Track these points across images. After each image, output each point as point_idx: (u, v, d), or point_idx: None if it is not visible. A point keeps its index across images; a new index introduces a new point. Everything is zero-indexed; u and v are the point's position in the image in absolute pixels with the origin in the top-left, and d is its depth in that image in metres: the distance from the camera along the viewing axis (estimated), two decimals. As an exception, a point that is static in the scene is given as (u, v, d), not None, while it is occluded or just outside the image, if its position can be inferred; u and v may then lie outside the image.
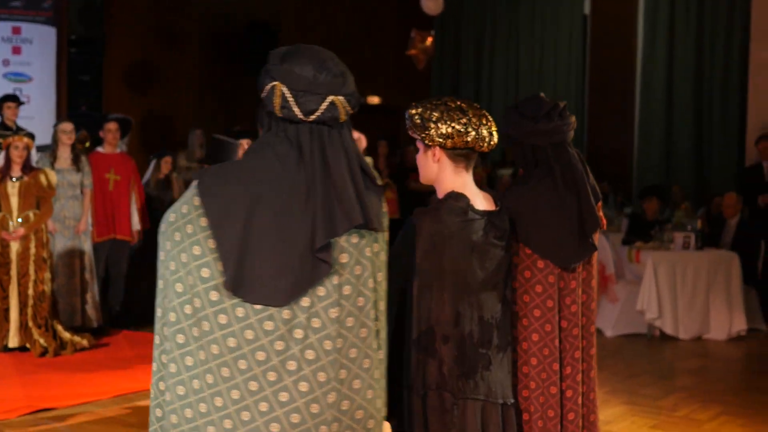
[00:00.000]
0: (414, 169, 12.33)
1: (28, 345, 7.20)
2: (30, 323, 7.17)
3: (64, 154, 7.73)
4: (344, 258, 2.28)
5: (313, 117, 2.27)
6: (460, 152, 2.91)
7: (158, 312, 2.28)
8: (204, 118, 11.87)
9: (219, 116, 12.20)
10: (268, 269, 2.19)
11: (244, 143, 6.37)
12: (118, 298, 8.26)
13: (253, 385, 2.19)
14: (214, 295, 2.19)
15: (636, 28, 13.47)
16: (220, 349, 2.19)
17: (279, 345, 2.20)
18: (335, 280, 2.26)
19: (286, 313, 2.20)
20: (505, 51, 14.88)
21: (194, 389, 2.20)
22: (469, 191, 2.93)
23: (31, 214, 7.24)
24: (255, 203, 2.21)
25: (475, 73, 15.12)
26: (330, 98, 2.28)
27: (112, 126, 8.13)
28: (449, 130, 2.87)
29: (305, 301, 2.22)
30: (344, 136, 2.32)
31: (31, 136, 7.47)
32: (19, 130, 8.12)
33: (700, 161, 12.92)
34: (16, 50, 10.33)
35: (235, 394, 2.19)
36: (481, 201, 2.96)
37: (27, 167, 7.26)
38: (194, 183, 2.25)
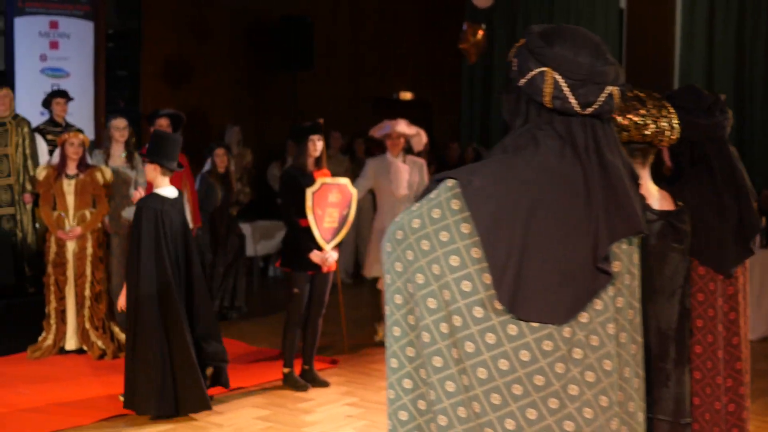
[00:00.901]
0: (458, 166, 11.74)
1: (85, 347, 7.02)
2: (87, 325, 6.98)
3: (118, 152, 7.52)
4: (617, 266, 2.04)
5: (590, 110, 2.00)
6: (637, 146, 2.71)
7: (396, 331, 2.03)
8: (239, 113, 11.68)
9: (253, 111, 12.01)
10: (548, 282, 1.94)
11: (315, 139, 6.17)
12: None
13: (532, 414, 1.94)
14: (478, 312, 1.93)
15: (674, 24, 13.26)
16: (489, 373, 1.93)
17: (559, 367, 1.95)
18: (611, 291, 2.01)
19: (566, 330, 1.95)
20: (538, 45, 14.67)
21: (460, 418, 1.94)
22: (645, 189, 2.73)
23: (87, 213, 7.04)
24: (534, 206, 1.95)
25: (507, 69, 14.89)
26: (608, 89, 2.01)
27: (163, 122, 7.91)
28: (625, 122, 2.66)
29: (583, 317, 1.97)
30: (614, 131, 2.08)
31: (82, 132, 7.28)
32: (68, 127, 7.94)
33: (741, 157, 12.69)
34: (54, 45, 10.12)
35: (509, 424, 1.94)
36: (658, 200, 2.75)
37: (83, 165, 7.06)
38: (447, 184, 1.98)
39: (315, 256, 6.06)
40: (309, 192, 6.02)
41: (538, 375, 1.94)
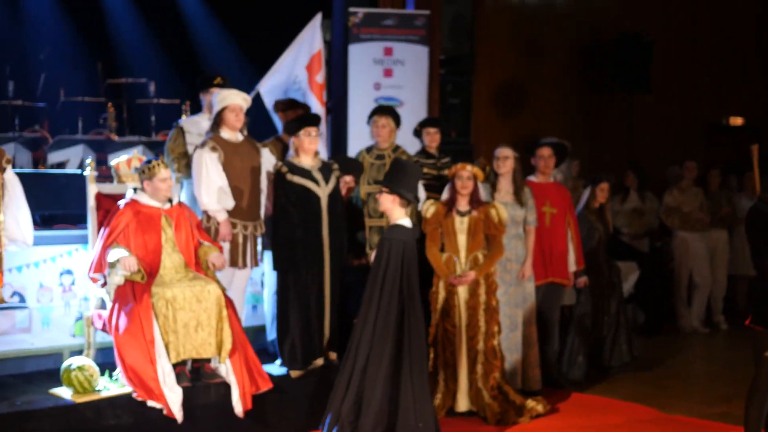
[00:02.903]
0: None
1: (474, 409, 6.14)
2: (480, 384, 6.10)
3: (505, 186, 6.63)
4: None
5: None
6: None
7: None
8: (572, 139, 10.63)
9: (587, 137, 10.95)
10: None
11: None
12: (553, 353, 7.07)
13: None
14: None
15: None
16: None
17: None
18: None
19: None
20: None
21: None
22: None
23: (479, 255, 6.19)
24: None
25: None
26: None
27: (545, 152, 6.98)
28: None
29: None
30: None
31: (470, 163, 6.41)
32: (440, 157, 7.19)
33: None
34: (388, 72, 9.53)
35: None
36: None
37: (475, 200, 6.23)
38: None
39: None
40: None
41: None
